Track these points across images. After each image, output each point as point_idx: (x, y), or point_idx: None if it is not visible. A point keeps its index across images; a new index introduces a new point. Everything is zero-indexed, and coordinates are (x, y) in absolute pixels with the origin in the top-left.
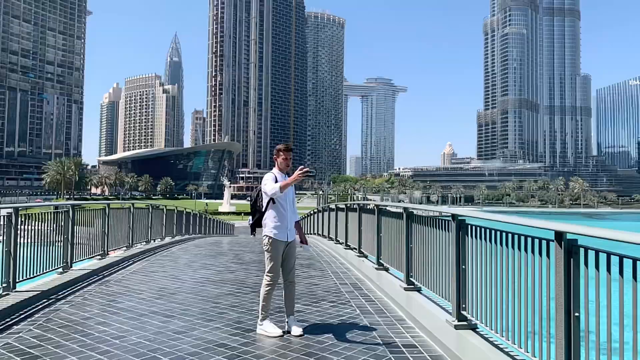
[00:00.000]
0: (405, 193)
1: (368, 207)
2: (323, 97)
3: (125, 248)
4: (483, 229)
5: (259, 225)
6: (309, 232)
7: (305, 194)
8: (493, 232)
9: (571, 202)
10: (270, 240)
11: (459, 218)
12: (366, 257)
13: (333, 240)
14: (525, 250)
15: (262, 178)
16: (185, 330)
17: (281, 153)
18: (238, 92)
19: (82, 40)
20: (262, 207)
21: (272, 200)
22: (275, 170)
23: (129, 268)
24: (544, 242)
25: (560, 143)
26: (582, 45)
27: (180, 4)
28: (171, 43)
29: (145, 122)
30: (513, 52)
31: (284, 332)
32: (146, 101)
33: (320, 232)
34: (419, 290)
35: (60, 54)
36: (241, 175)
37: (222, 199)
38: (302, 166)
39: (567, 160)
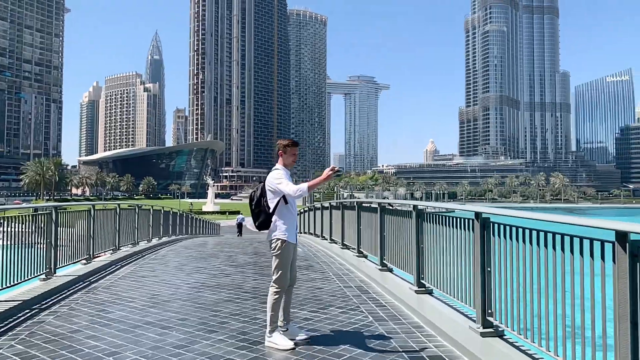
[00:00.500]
0: (390, 190)
1: (369, 205)
2: (306, 95)
3: (111, 251)
4: (509, 228)
5: (266, 227)
6: (299, 232)
7: None
8: (523, 231)
9: (552, 197)
10: (283, 244)
11: (484, 217)
12: (366, 257)
13: (327, 239)
14: (571, 252)
15: (247, 177)
16: (185, 344)
17: (289, 148)
18: (220, 90)
19: (60, 38)
20: (270, 207)
21: (284, 200)
22: (279, 166)
23: (117, 273)
24: (596, 243)
25: (541, 139)
26: (561, 43)
27: (160, 1)
28: (152, 41)
29: (126, 121)
30: (494, 50)
31: (295, 343)
32: (127, 100)
33: (312, 231)
34: (430, 292)
35: (37, 52)
36: (225, 174)
37: (206, 198)
38: (333, 165)
39: (547, 156)
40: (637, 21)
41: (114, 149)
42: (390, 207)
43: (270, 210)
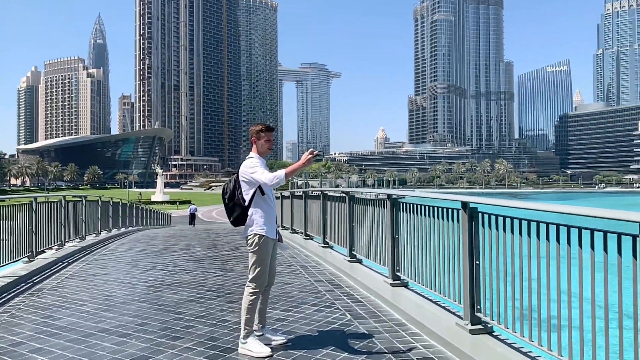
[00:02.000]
0: (342, 177)
1: (336, 194)
2: (257, 81)
3: (57, 247)
4: (500, 218)
5: (242, 223)
6: None
7: None
8: (512, 221)
9: (497, 182)
10: (262, 240)
11: (471, 207)
12: (331, 247)
13: (289, 229)
14: (568, 243)
15: (197, 165)
16: (148, 354)
17: (263, 134)
18: (168, 75)
19: None
20: (246, 200)
21: (259, 191)
22: (253, 154)
23: (64, 272)
24: (597, 234)
25: (486, 127)
26: (505, 33)
27: None
28: (95, 25)
29: (68, 108)
30: (442, 39)
31: (272, 349)
32: (69, 86)
33: None
34: (406, 285)
35: None
36: (174, 163)
37: (155, 187)
38: (312, 149)
39: (492, 143)
40: (575, 14)
41: (56, 137)
42: (361, 197)
43: (246, 203)
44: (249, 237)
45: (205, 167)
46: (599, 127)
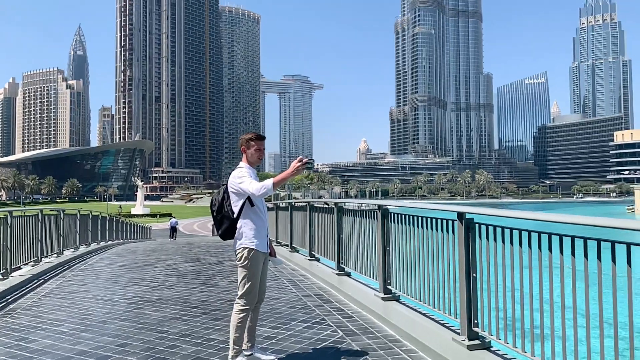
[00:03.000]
0: (325, 189)
1: (323, 205)
2: (240, 93)
3: (32, 263)
4: (496, 229)
5: (231, 236)
6: None
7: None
8: (511, 232)
9: (477, 193)
10: (251, 253)
11: (467, 217)
12: (318, 260)
13: (274, 241)
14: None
15: (178, 178)
16: None
17: (252, 142)
18: (149, 87)
19: None
20: (234, 212)
21: (249, 202)
22: (243, 164)
23: (40, 289)
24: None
25: (466, 138)
26: (484, 46)
27: None
28: (75, 36)
29: (47, 119)
30: (422, 51)
31: None
32: (47, 97)
33: None
34: (398, 299)
35: None
36: (154, 175)
37: (135, 200)
38: (301, 156)
39: (472, 154)
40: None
41: (33, 149)
42: (350, 207)
43: (235, 215)
44: (238, 251)
45: (186, 179)
46: (576, 138)
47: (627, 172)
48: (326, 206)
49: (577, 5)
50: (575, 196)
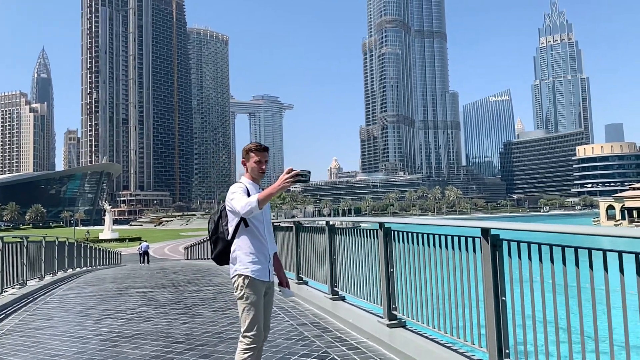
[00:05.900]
0: (298, 208)
1: (315, 225)
2: (209, 114)
3: None
4: (523, 245)
5: (226, 261)
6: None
7: (195, 214)
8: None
9: (448, 209)
10: (247, 282)
11: (493, 234)
12: (306, 283)
13: None
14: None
15: (147, 201)
16: None
17: (252, 154)
18: (116, 109)
19: None
20: (229, 233)
21: (243, 222)
22: (244, 179)
23: (0, 326)
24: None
25: (435, 155)
26: (450, 65)
27: (47, 16)
28: (38, 58)
29: (9, 144)
30: (390, 71)
31: None
32: (9, 121)
33: None
34: (404, 325)
35: None
36: (122, 199)
37: (103, 225)
38: (290, 167)
39: (441, 171)
40: (513, 47)
41: None
42: (341, 227)
43: (229, 237)
44: (233, 279)
45: (155, 202)
46: (541, 152)
47: (590, 185)
48: (315, 225)
49: (537, 26)
50: (542, 210)
